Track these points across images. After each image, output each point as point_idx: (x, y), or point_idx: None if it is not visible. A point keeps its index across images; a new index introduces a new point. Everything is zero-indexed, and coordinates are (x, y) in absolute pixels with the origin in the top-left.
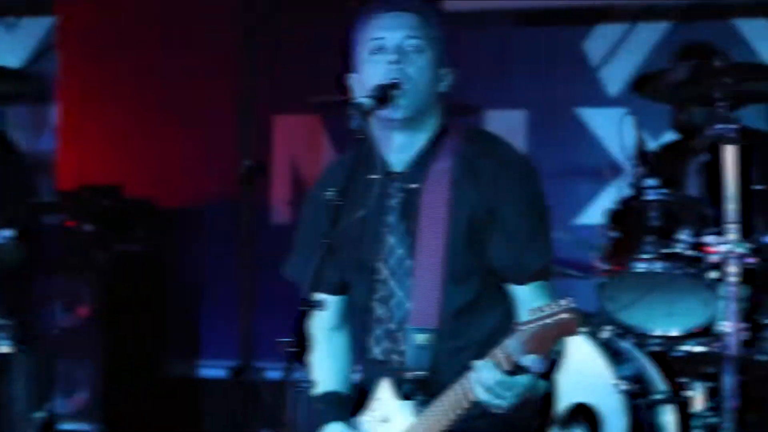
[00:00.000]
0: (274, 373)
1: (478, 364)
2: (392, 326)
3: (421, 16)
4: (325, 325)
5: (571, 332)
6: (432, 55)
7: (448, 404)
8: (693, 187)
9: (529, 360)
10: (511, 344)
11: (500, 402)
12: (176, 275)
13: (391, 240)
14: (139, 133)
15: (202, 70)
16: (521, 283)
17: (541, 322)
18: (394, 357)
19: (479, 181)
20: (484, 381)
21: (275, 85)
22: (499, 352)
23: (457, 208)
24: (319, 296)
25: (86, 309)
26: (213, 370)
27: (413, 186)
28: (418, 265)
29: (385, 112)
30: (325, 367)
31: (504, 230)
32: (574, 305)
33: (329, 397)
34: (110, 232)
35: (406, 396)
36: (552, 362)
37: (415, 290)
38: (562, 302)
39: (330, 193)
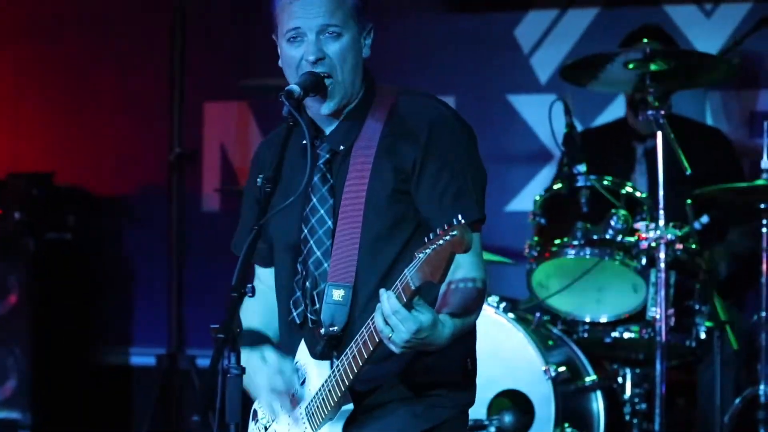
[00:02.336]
0: (205, 361)
1: (381, 292)
2: (308, 285)
3: None
4: (263, 284)
5: (462, 248)
6: (352, 34)
7: (354, 352)
8: (640, 172)
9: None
10: (408, 273)
11: (396, 336)
12: (107, 263)
13: (313, 200)
14: (69, 121)
15: (134, 57)
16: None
17: (433, 245)
18: (311, 317)
19: (406, 137)
20: (384, 310)
21: (206, 71)
22: (398, 283)
23: (382, 164)
24: (258, 270)
25: (16, 297)
26: (144, 358)
27: (341, 147)
28: (339, 224)
29: (315, 106)
30: (254, 313)
31: (430, 184)
32: (462, 221)
33: (253, 332)
34: (41, 219)
35: (321, 355)
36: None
37: (334, 248)
38: (454, 222)
39: (260, 180)
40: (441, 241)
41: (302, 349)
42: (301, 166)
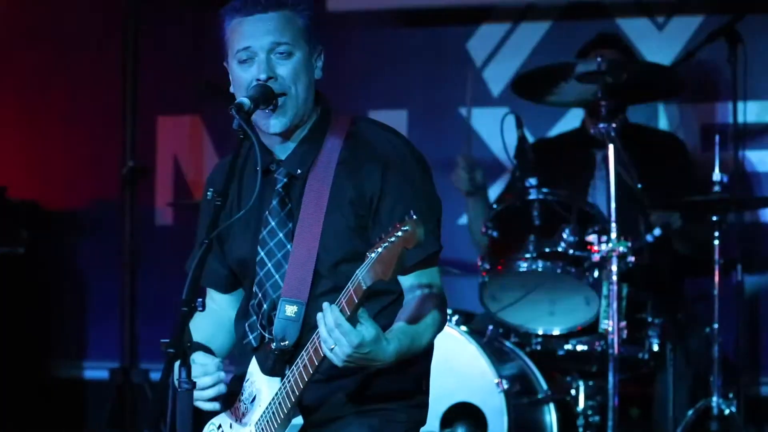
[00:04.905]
0: (158, 375)
1: (325, 305)
2: (266, 308)
3: (286, 12)
4: (216, 304)
5: (413, 242)
6: (303, 53)
7: (302, 365)
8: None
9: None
10: (359, 273)
11: (339, 349)
12: (60, 277)
13: (271, 224)
14: (21, 135)
15: (86, 71)
16: (403, 273)
17: (385, 243)
18: (267, 336)
19: (362, 172)
20: (327, 322)
21: (158, 85)
22: (350, 286)
23: (340, 196)
24: (213, 293)
25: None
26: (97, 372)
27: (298, 171)
28: (295, 245)
29: (264, 125)
30: (199, 331)
31: (385, 222)
32: (414, 216)
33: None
34: None
35: (272, 371)
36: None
37: (289, 266)
38: (406, 218)
39: (210, 193)
40: (393, 238)
41: (253, 365)
42: (251, 194)
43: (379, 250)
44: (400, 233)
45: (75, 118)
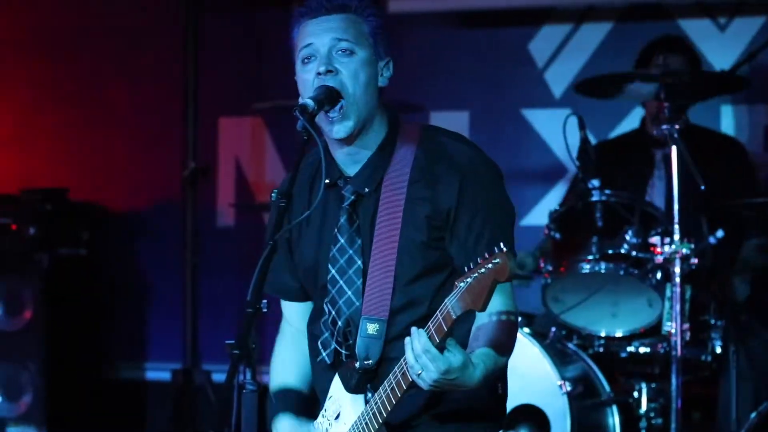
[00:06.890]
0: (220, 376)
1: (413, 330)
2: (341, 324)
3: (350, 15)
4: (292, 326)
5: (505, 276)
6: (365, 54)
7: (390, 388)
8: (659, 177)
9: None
10: (448, 302)
11: (426, 374)
12: (121, 278)
13: (341, 241)
14: (84, 137)
15: (148, 73)
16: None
17: (475, 274)
18: (345, 352)
19: (438, 185)
20: (414, 348)
21: (220, 86)
22: (438, 314)
23: (415, 211)
24: (285, 304)
25: (30, 312)
26: (159, 373)
27: (366, 190)
28: (372, 262)
29: (328, 131)
30: (287, 363)
31: (463, 235)
32: (506, 249)
33: (284, 391)
34: (55, 235)
35: (356, 389)
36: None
37: (367, 284)
38: (496, 250)
39: (274, 195)
40: (483, 270)
41: (336, 382)
42: (326, 203)
43: (469, 280)
44: (490, 265)
45: (136, 120)
